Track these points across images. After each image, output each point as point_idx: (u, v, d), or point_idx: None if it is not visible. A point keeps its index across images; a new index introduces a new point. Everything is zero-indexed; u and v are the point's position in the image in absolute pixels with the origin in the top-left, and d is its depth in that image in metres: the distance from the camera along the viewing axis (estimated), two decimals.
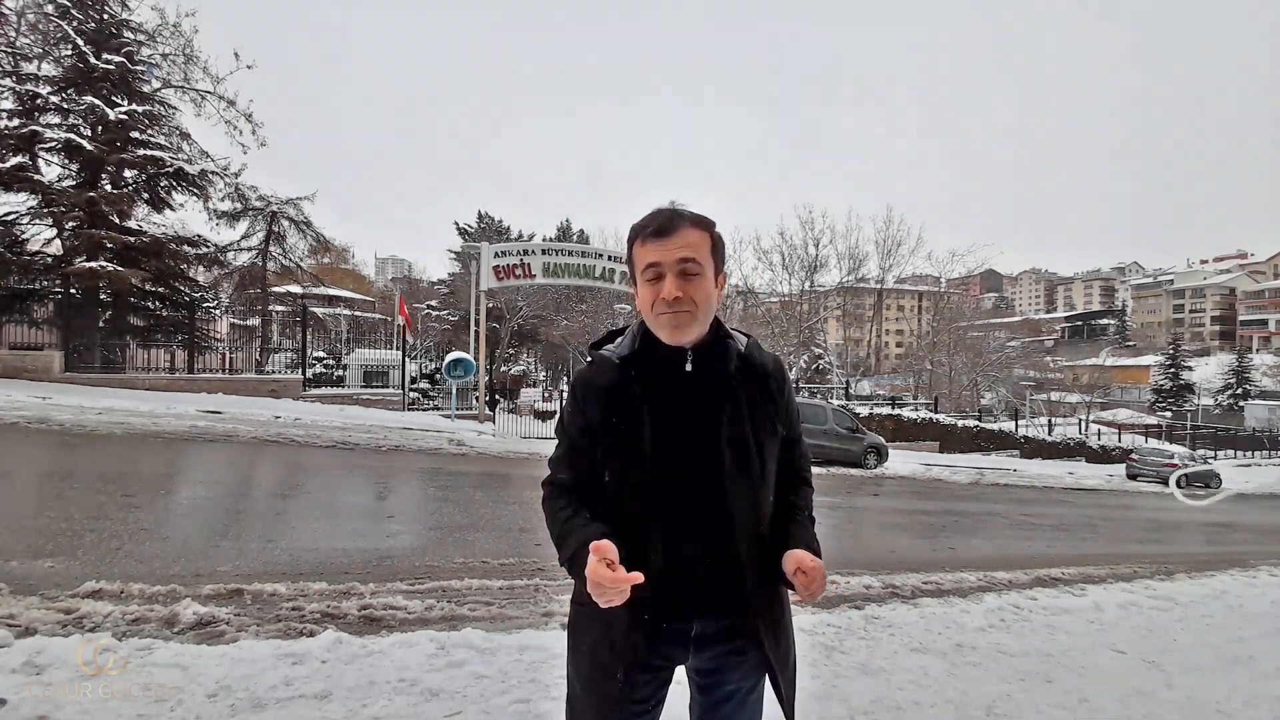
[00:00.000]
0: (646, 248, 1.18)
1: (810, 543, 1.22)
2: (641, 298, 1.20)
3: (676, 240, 1.16)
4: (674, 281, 1.15)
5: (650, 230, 1.17)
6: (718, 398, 1.19)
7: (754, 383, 1.24)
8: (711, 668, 1.26)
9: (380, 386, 17.80)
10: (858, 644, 3.35)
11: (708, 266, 1.19)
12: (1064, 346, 79.38)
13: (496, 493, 7.66)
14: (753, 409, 1.21)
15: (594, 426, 1.21)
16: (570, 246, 19.27)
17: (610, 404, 1.20)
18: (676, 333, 1.17)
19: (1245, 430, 41.71)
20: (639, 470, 1.17)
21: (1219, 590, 5.40)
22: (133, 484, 6.01)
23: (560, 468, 1.27)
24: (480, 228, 37.62)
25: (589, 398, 1.22)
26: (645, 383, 1.20)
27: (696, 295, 1.16)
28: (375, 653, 2.66)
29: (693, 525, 1.16)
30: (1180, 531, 10.64)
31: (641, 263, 1.19)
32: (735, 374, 1.22)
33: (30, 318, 15.07)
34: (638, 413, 1.18)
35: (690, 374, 1.20)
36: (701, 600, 1.18)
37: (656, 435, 1.16)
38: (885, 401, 27.95)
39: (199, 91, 17.27)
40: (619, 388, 1.20)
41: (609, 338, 1.30)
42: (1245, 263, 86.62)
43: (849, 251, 35.85)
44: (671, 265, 1.15)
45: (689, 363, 1.20)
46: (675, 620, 1.18)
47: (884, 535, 7.49)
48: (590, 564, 1.03)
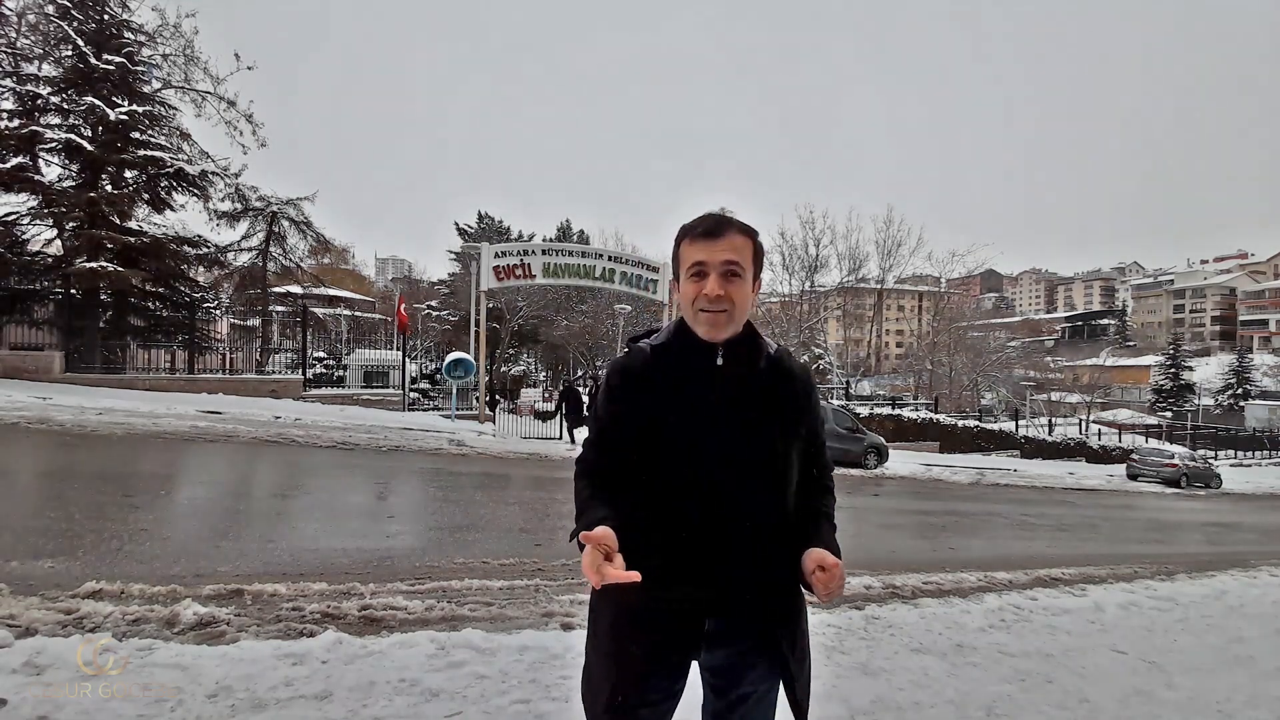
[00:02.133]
0: (695, 247, 1.24)
1: (830, 543, 1.24)
2: (684, 293, 1.25)
3: (724, 243, 1.22)
4: (718, 280, 1.20)
5: (700, 231, 1.24)
6: (744, 394, 1.23)
7: (781, 385, 1.27)
8: (725, 666, 1.26)
9: (380, 387, 17.81)
10: (858, 644, 3.35)
11: (748, 271, 1.24)
12: (1064, 346, 79.20)
13: (497, 493, 7.66)
14: (777, 410, 1.24)
15: (624, 413, 1.25)
16: (570, 247, 19.27)
17: (642, 392, 1.24)
18: (713, 329, 1.22)
19: (1246, 430, 41.67)
20: (663, 458, 1.20)
21: (1219, 590, 5.40)
22: (133, 484, 6.01)
23: (590, 450, 1.32)
24: (480, 228, 37.63)
25: (622, 384, 1.27)
26: (677, 373, 1.24)
27: (736, 296, 1.22)
28: (375, 653, 2.65)
29: (711, 517, 1.18)
30: (1181, 532, 10.64)
31: (688, 260, 1.24)
32: (763, 374, 1.26)
33: (31, 318, 15.08)
34: (667, 401, 1.22)
35: (720, 369, 1.24)
36: (715, 593, 1.19)
37: (682, 424, 1.20)
38: (885, 402, 27.97)
39: (199, 92, 17.32)
40: (651, 377, 1.24)
41: (647, 333, 1.35)
42: (1245, 263, 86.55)
43: (849, 251, 35.90)
44: (717, 265, 1.21)
45: (720, 358, 1.24)
46: (689, 612, 1.19)
47: (884, 535, 7.48)
48: (585, 556, 1.06)
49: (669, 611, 1.18)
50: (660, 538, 1.17)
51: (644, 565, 1.12)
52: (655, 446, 1.20)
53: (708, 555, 1.18)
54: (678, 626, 1.20)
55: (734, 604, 1.20)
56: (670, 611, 1.18)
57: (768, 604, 1.22)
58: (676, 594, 1.17)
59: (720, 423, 1.20)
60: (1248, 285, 79.77)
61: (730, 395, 1.22)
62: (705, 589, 1.19)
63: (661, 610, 1.18)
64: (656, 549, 1.15)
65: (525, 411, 20.82)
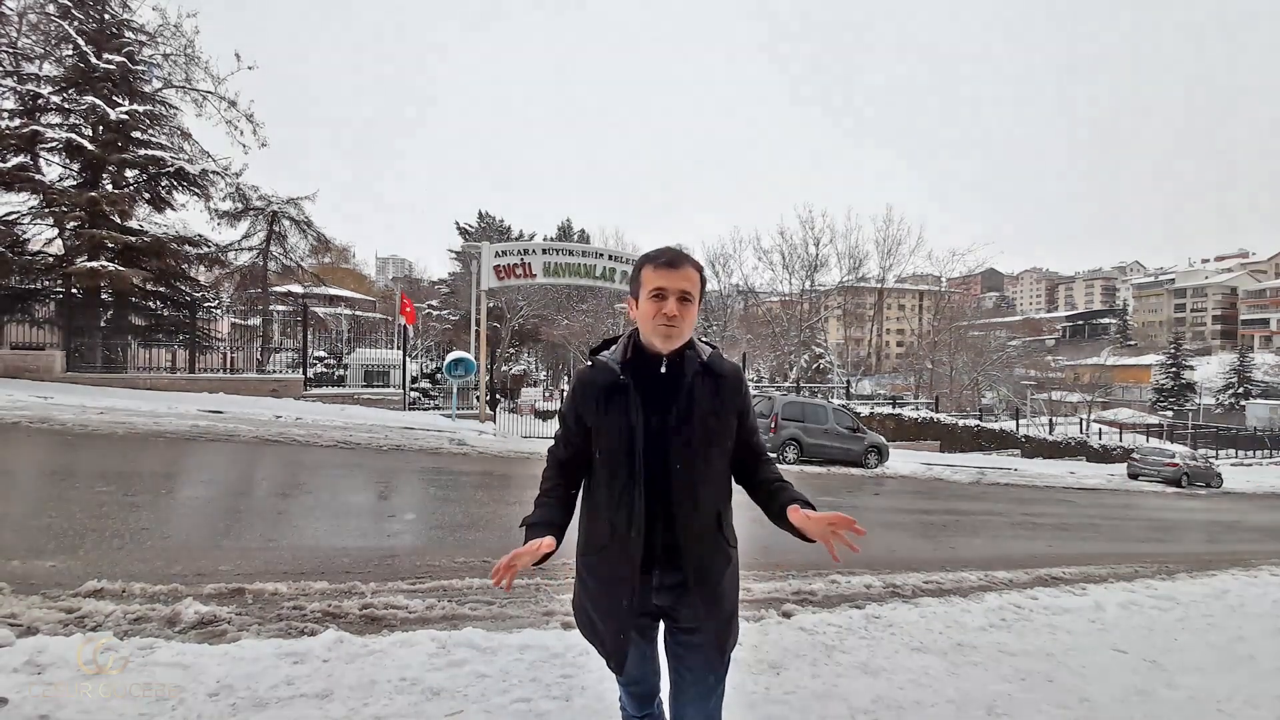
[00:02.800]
0: (657, 274, 1.51)
1: (800, 498, 1.51)
2: (643, 311, 1.52)
3: (680, 274, 1.51)
4: (675, 303, 1.49)
5: (662, 261, 1.52)
6: (679, 394, 1.52)
7: (711, 382, 1.55)
8: (669, 605, 1.58)
9: (381, 386, 17.79)
10: (858, 643, 3.35)
11: (696, 299, 1.54)
12: (1065, 346, 79.21)
13: (497, 492, 7.67)
14: (707, 404, 1.53)
15: (585, 417, 1.56)
16: (571, 246, 19.26)
17: (602, 399, 1.54)
18: (668, 342, 1.52)
19: (1246, 430, 41.65)
20: (620, 451, 1.50)
21: (1220, 590, 5.39)
22: (134, 483, 6.02)
23: (558, 444, 1.66)
24: (481, 227, 37.66)
25: (586, 394, 1.57)
26: (633, 382, 1.52)
27: (686, 316, 1.51)
28: (376, 652, 2.66)
29: (654, 497, 1.50)
30: (1181, 531, 10.63)
31: (650, 284, 1.51)
32: (695, 376, 1.53)
33: (32, 317, 15.07)
34: (625, 406, 1.51)
35: (664, 375, 1.54)
36: (661, 555, 1.53)
37: (636, 424, 1.49)
38: (886, 401, 27.97)
39: (200, 92, 17.30)
40: (611, 386, 1.54)
41: (604, 345, 1.64)
42: (1246, 262, 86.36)
43: (849, 251, 35.91)
44: (675, 291, 1.49)
45: (664, 367, 1.54)
46: (648, 570, 1.53)
47: (885, 535, 7.48)
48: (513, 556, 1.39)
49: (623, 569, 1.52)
50: (619, 515, 1.51)
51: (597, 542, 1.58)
52: (613, 443, 1.51)
53: (651, 524, 1.50)
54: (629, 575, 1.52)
55: (670, 560, 1.52)
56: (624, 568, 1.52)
57: (692, 560, 1.52)
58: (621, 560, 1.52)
59: (662, 420, 1.49)
60: (1249, 284, 79.64)
61: (669, 397, 1.51)
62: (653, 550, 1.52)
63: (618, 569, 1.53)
64: (615, 525, 1.52)
65: (526, 411, 20.83)
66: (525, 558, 1.39)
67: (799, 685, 2.74)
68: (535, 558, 1.40)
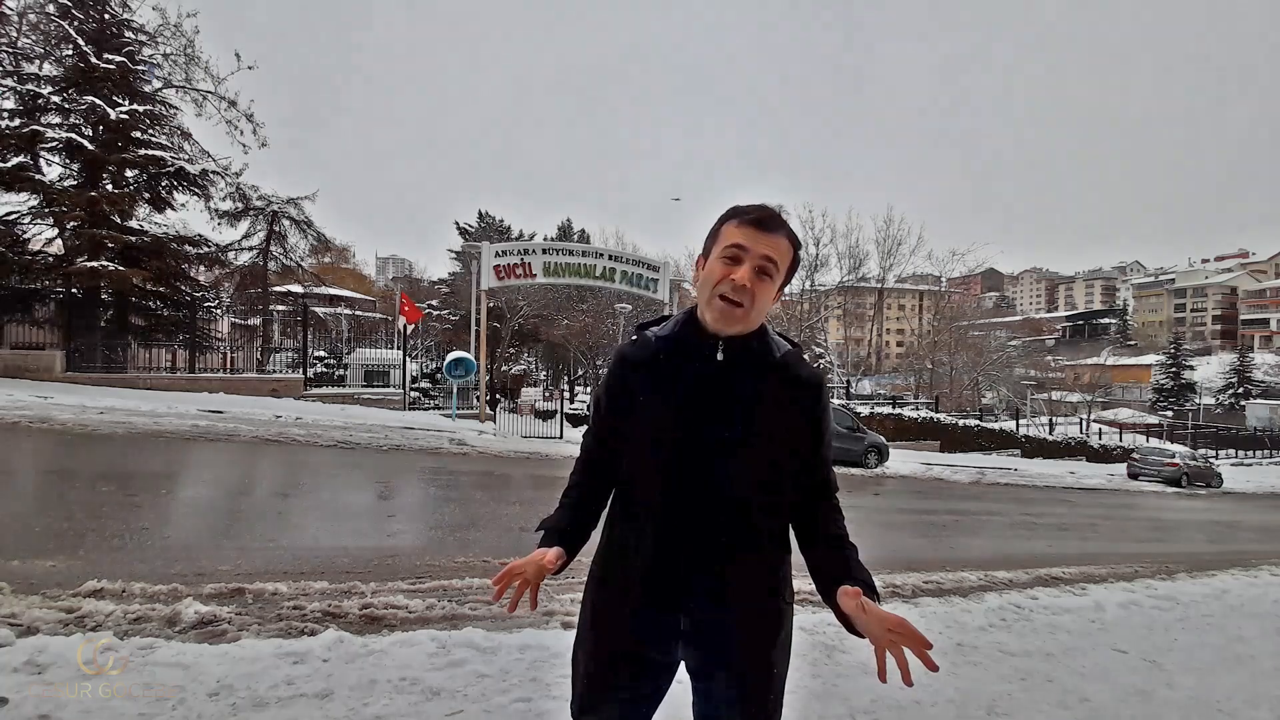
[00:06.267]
0: (740, 230, 1.17)
1: (862, 576, 1.15)
2: (709, 271, 1.19)
3: (770, 238, 1.16)
4: (749, 271, 1.15)
5: (751, 217, 1.17)
6: (739, 393, 1.18)
7: (782, 390, 1.20)
8: (697, 667, 1.24)
9: (381, 386, 17.81)
10: (858, 643, 3.32)
11: (779, 275, 1.19)
12: (1065, 346, 79.15)
13: (497, 492, 7.66)
14: (773, 415, 1.19)
15: (617, 400, 1.26)
16: (571, 246, 19.25)
17: (634, 383, 1.24)
18: (723, 320, 1.17)
19: (1246, 430, 41.63)
20: (651, 446, 1.20)
21: (1220, 589, 5.39)
22: (134, 483, 6.02)
23: (589, 437, 1.35)
24: (481, 227, 37.61)
25: (618, 374, 1.27)
26: (676, 364, 1.21)
27: (758, 293, 1.16)
28: (376, 652, 2.66)
29: (689, 512, 1.17)
30: (1181, 531, 10.63)
31: (727, 240, 1.17)
32: (764, 375, 1.20)
33: (32, 317, 15.10)
34: (658, 393, 1.20)
35: (720, 364, 1.19)
36: (688, 587, 1.18)
37: (675, 414, 1.18)
38: (886, 401, 27.96)
39: (200, 92, 17.31)
40: (651, 364, 1.23)
41: (656, 321, 1.31)
42: (1246, 262, 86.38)
43: (849, 251, 35.94)
44: (755, 256, 1.15)
45: (720, 353, 1.19)
46: (666, 605, 1.19)
47: (884, 535, 7.48)
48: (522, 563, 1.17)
49: (648, 596, 1.19)
50: (644, 523, 1.20)
51: (618, 563, 1.24)
52: (645, 433, 1.20)
53: (680, 544, 1.17)
54: (655, 619, 1.20)
55: (702, 598, 1.18)
56: (649, 596, 1.19)
57: (731, 610, 1.18)
58: (654, 581, 1.18)
59: (710, 418, 1.17)
60: (1249, 284, 79.68)
61: (724, 393, 1.17)
62: (679, 579, 1.17)
63: (628, 607, 1.20)
64: (639, 534, 1.20)
65: (526, 411, 20.80)
66: (528, 569, 1.15)
67: (799, 685, 2.74)
68: (539, 571, 1.16)
